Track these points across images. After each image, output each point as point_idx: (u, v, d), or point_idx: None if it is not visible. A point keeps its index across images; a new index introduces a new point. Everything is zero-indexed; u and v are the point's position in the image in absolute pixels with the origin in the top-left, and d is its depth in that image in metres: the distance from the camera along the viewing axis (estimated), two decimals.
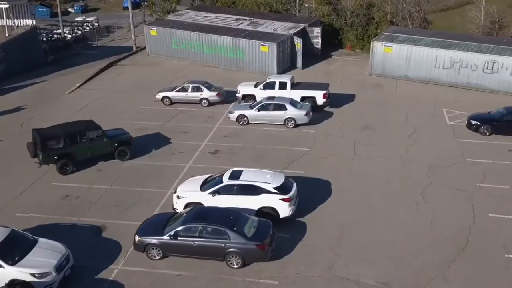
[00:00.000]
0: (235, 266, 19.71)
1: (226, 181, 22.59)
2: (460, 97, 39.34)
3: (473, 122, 32.61)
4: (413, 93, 40.23)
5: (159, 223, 20.85)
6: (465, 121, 33.38)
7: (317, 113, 35.02)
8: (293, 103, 33.46)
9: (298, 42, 46.00)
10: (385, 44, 43.46)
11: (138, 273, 19.58)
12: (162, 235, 20.04)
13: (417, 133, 32.57)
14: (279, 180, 22.66)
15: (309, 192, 25.04)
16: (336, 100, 37.72)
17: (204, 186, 23.06)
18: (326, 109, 36.55)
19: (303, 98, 35.52)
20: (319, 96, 35.60)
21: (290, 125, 33.03)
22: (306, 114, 32.88)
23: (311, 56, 48.92)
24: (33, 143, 27.46)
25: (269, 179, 22.59)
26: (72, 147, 27.07)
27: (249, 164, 26.12)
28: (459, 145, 30.78)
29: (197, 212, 20.61)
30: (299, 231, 22.13)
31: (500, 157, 29.08)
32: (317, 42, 49.55)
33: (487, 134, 32.05)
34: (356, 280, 19.17)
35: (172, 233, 19.89)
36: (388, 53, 43.53)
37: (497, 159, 28.79)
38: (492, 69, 40.16)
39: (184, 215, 20.68)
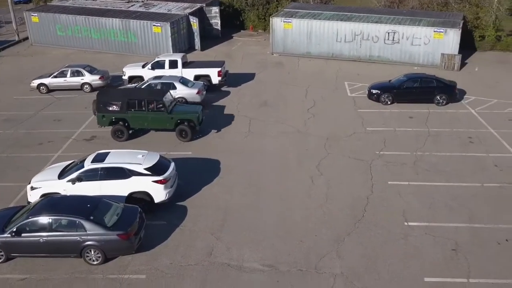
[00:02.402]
0: (95, 262, 16.51)
1: (88, 165, 19.23)
2: (363, 70, 37.95)
3: (374, 91, 31.05)
4: (315, 69, 38.42)
5: (1, 219, 17.18)
6: (366, 91, 31.77)
7: (213, 93, 32.30)
8: (183, 81, 30.44)
9: (194, 22, 43.05)
10: (285, 20, 41.37)
11: None
12: (3, 232, 16.44)
13: (317, 107, 30.58)
14: (152, 160, 19.60)
15: (194, 174, 22.31)
16: (235, 79, 35.29)
17: (63, 173, 19.56)
18: (223, 88, 33.87)
19: (197, 77, 32.65)
20: (213, 74, 32.83)
21: None
22: (198, 93, 29.96)
23: (211, 38, 46.21)
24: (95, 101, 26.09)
25: (139, 160, 19.49)
26: (128, 113, 25.25)
27: (129, 149, 22.82)
28: (360, 116, 29.02)
29: (45, 203, 17.13)
30: (177, 217, 19.23)
31: (401, 125, 27.58)
32: (216, 22, 46.81)
33: (388, 103, 30.58)
34: (239, 265, 16.51)
35: (14, 229, 16.34)
36: (289, 29, 41.46)
37: (398, 127, 27.23)
38: (393, 40, 39.06)
39: (31, 207, 17.14)
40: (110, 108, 25.42)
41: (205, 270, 16.32)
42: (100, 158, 19.61)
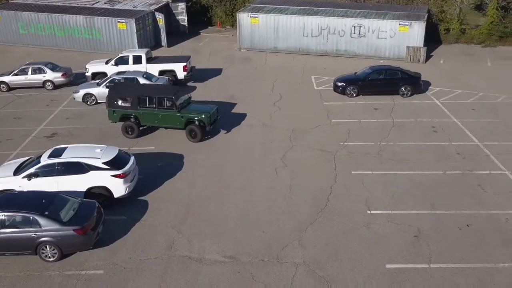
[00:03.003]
0: (51, 259, 16.03)
1: (44, 161, 18.69)
2: (330, 64, 37.99)
3: (339, 84, 31.06)
4: (282, 64, 38.32)
5: None
6: (332, 84, 31.77)
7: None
8: (147, 76, 29.95)
9: (160, 19, 42.52)
10: (251, 15, 41.16)
11: None
12: None
13: (283, 100, 30.44)
14: (111, 154, 19.16)
15: (157, 168, 21.90)
16: (201, 75, 34.97)
17: (19, 169, 18.98)
18: (190, 84, 33.50)
19: (162, 73, 32.25)
20: (179, 69, 32.43)
21: None
22: None
23: (178, 34, 45.74)
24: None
25: (98, 154, 19.03)
26: (139, 110, 24.60)
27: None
28: (325, 108, 28.98)
29: None
30: (138, 211, 18.83)
31: (366, 116, 27.63)
32: (183, 19, 46.34)
33: (354, 95, 30.62)
34: (200, 258, 16.23)
35: None
36: (255, 24, 41.27)
37: (363, 118, 27.26)
38: (359, 34, 39.19)
39: None
40: (121, 104, 24.79)
41: (165, 264, 15.99)
42: (57, 153, 19.09)
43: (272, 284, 14.99)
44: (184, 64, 32.46)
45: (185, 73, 32.50)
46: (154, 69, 32.15)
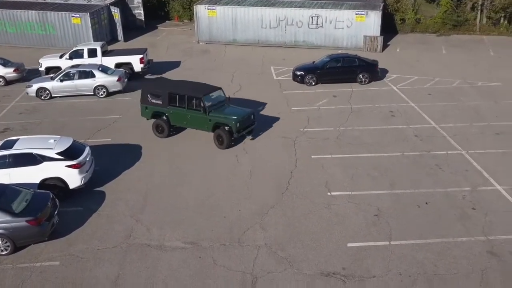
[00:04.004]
0: (4, 252, 15.44)
1: None
2: (288, 55, 38.00)
3: (298, 73, 31.10)
4: (241, 56, 38.13)
5: None
6: (291, 74, 31.79)
7: (136, 81, 31.34)
8: (102, 69, 29.33)
9: (116, 13, 41.69)
10: (209, 8, 40.82)
11: None
12: None
13: (243, 90, 30.26)
14: (65, 145, 18.59)
15: (114, 160, 21.43)
16: (159, 67, 34.47)
17: None
18: (147, 76, 32.94)
19: (118, 65, 31.59)
20: (135, 62, 31.86)
21: (101, 94, 28.91)
22: (118, 80, 28.96)
23: (135, 29, 44.98)
24: None
25: (51, 144, 18.43)
26: (169, 108, 22.90)
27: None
28: (285, 97, 28.97)
29: None
30: (95, 202, 18.34)
31: (325, 103, 27.72)
32: (139, 13, 45.57)
33: (313, 83, 30.71)
34: (159, 245, 15.90)
35: None
36: (213, 17, 40.95)
37: (322, 105, 27.35)
38: (317, 24, 39.36)
39: None
40: (153, 100, 23.28)
41: (124, 252, 15.60)
42: (8, 145, 18.44)
43: (234, 267, 14.81)
44: (141, 56, 31.91)
45: (142, 65, 31.95)
46: (110, 62, 31.49)
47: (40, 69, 31.85)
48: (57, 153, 18.08)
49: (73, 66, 29.46)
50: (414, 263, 14.86)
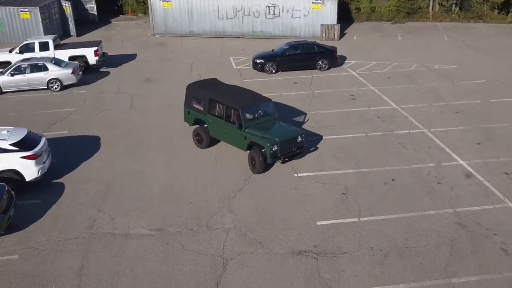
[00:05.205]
0: None
1: None
2: (247, 45, 37.76)
3: (258, 61, 30.86)
4: (199, 47, 37.64)
5: None
6: (251, 62, 31.51)
7: (90, 74, 30.45)
8: (56, 62, 28.27)
9: (67, 7, 40.49)
10: None
11: None
12: None
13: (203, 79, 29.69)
14: (19, 135, 17.70)
15: (72, 151, 20.61)
16: (115, 60, 33.61)
17: None
18: (103, 69, 32.02)
19: (72, 58, 30.59)
20: (90, 54, 30.91)
21: (55, 88, 27.86)
22: (73, 73, 27.98)
23: (88, 23, 43.84)
24: None
25: (4, 135, 17.53)
26: (208, 117, 19.91)
27: None
28: (246, 85, 28.37)
29: None
30: (54, 194, 17.51)
31: (287, 90, 27.60)
32: (91, 7, 44.46)
33: (273, 71, 30.53)
34: (124, 233, 15.29)
35: None
36: (168, 9, 40.28)
37: (283, 92, 27.16)
38: (274, 14, 39.28)
39: None
40: (195, 105, 20.49)
41: (87, 243, 14.92)
42: None
43: (203, 251, 14.38)
44: (95, 48, 30.99)
45: (96, 58, 31.04)
46: (63, 55, 30.52)
47: None
48: (11, 144, 17.18)
49: (24, 60, 28.30)
50: (384, 238, 14.79)
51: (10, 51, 30.73)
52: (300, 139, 18.78)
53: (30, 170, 17.27)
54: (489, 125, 22.44)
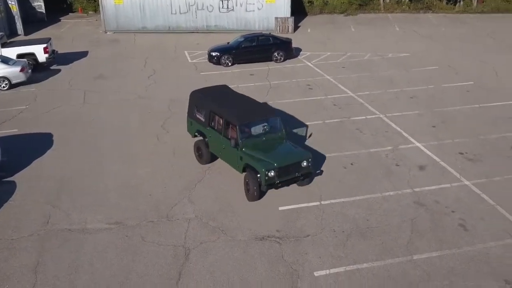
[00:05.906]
0: None
1: None
2: (202, 40, 37.41)
3: (214, 54, 30.57)
4: (153, 43, 37.04)
5: None
6: (206, 55, 31.22)
7: (41, 72, 29.50)
8: (3, 60, 27.20)
9: (13, 5, 39.13)
10: None
11: None
12: None
13: (158, 74, 29.32)
14: None
15: (23, 149, 19.84)
16: (66, 58, 32.67)
17: None
18: (53, 67, 31.05)
19: (20, 56, 29.49)
20: (39, 51, 29.88)
21: (3, 87, 26.83)
22: (22, 71, 26.98)
23: (36, 22, 42.51)
24: None
25: None
26: (208, 130, 17.55)
27: None
28: (202, 78, 28.38)
29: None
30: (5, 192, 16.79)
31: (243, 82, 27.43)
32: (39, 5, 43.12)
33: (229, 64, 30.31)
34: (81, 228, 14.79)
35: None
36: (120, 5, 39.45)
37: (240, 84, 26.99)
38: (228, 8, 39.05)
39: None
40: (198, 115, 18.17)
41: (42, 240, 14.34)
42: None
43: (164, 242, 14.06)
44: (45, 45, 29.99)
45: (46, 55, 30.04)
46: (11, 53, 29.36)
47: None
48: None
49: None
50: (346, 219, 14.84)
51: None
52: (305, 163, 15.88)
53: None
54: (442, 109, 22.91)
